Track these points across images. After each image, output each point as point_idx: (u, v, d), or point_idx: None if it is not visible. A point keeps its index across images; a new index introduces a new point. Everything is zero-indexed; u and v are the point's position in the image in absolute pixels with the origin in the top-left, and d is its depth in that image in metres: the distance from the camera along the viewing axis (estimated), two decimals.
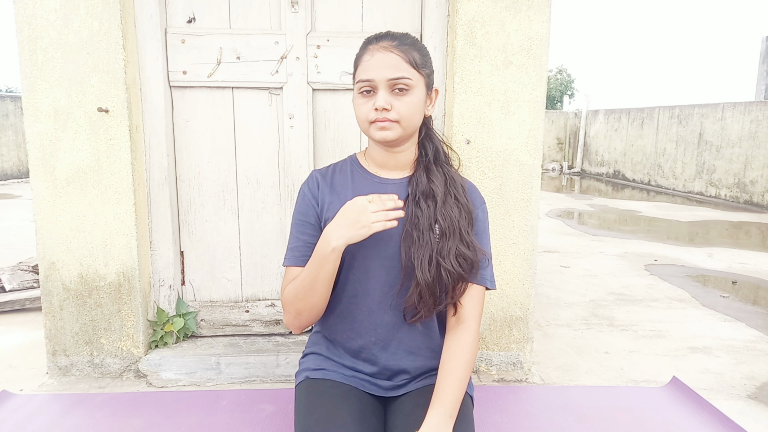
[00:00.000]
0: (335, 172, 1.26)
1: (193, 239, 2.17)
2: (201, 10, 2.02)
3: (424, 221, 1.14)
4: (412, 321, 1.19)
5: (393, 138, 1.14)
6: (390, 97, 1.12)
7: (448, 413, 1.09)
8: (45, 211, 1.95)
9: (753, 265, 4.36)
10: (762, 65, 10.01)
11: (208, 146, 2.11)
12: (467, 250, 1.15)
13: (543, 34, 1.97)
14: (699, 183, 9.10)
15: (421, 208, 1.16)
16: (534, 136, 2.02)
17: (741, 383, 2.22)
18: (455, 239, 1.15)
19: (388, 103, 1.12)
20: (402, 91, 1.12)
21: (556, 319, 2.94)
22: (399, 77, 1.11)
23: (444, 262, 1.13)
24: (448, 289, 1.15)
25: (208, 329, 2.21)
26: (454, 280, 1.14)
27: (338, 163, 1.30)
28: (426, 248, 1.13)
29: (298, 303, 1.17)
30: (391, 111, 1.12)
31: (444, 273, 1.13)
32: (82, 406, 1.76)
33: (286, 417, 1.68)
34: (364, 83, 1.13)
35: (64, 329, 2.03)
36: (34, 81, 1.88)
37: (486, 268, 1.21)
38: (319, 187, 1.23)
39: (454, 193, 1.19)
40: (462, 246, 1.15)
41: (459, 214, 1.16)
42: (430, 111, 1.22)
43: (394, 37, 1.15)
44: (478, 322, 1.20)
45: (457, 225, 1.15)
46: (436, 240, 1.14)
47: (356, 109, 1.17)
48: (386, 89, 1.12)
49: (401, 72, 1.11)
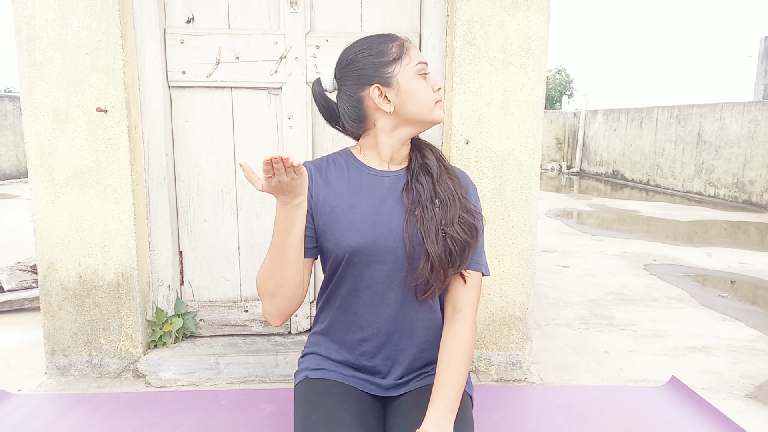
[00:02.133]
0: (330, 164, 1.24)
1: (191, 239, 2.17)
2: (200, 9, 2.02)
3: (425, 196, 1.17)
4: (424, 298, 1.19)
5: (443, 117, 1.25)
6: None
7: (448, 408, 1.09)
8: (44, 211, 1.95)
9: (752, 264, 4.37)
10: (760, 65, 10.03)
11: (207, 146, 2.11)
12: (468, 215, 1.18)
13: (542, 34, 1.97)
14: (698, 183, 9.11)
15: (421, 184, 1.19)
16: (533, 136, 2.02)
17: (740, 382, 2.22)
18: (456, 207, 1.18)
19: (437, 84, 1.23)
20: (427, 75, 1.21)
21: (555, 318, 2.94)
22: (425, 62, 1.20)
23: (449, 230, 1.15)
24: (456, 258, 1.16)
25: (207, 329, 2.21)
26: (460, 247, 1.15)
27: (332, 155, 1.28)
28: (432, 221, 1.15)
29: (269, 282, 1.15)
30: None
31: (450, 242, 1.14)
32: (81, 406, 1.76)
33: (285, 417, 1.68)
34: (424, 64, 1.20)
35: (62, 329, 2.03)
36: (32, 81, 1.88)
37: (480, 254, 1.22)
38: (313, 179, 1.21)
39: (445, 167, 1.24)
40: (463, 212, 1.18)
41: (454, 184, 1.21)
42: None
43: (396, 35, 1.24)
44: (475, 309, 1.19)
45: (455, 193, 1.19)
46: (438, 211, 1.16)
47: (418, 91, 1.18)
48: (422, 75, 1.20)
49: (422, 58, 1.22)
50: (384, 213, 1.17)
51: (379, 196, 1.19)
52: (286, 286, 1.15)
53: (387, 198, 1.19)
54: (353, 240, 1.15)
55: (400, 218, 1.17)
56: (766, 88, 9.88)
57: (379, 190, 1.20)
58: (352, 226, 1.16)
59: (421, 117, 1.18)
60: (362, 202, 1.18)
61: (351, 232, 1.16)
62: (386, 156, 1.22)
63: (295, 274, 1.15)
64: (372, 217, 1.17)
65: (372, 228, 1.16)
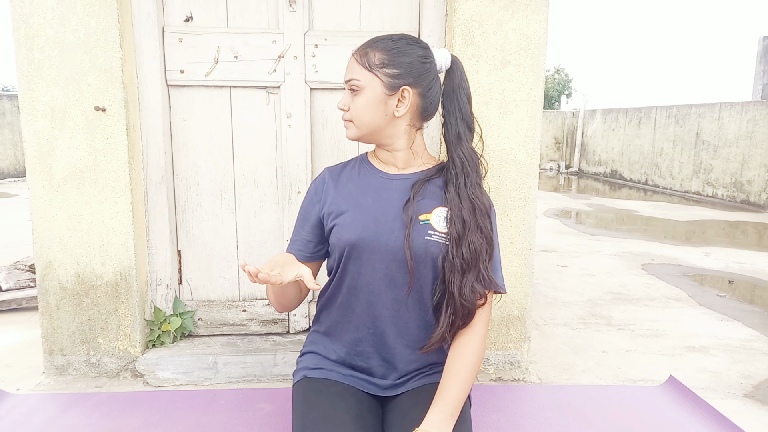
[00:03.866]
0: (345, 168, 1.31)
1: (190, 238, 2.17)
2: (198, 8, 2.02)
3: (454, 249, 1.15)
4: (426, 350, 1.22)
5: (351, 136, 1.23)
6: (349, 98, 1.21)
7: (449, 412, 1.09)
8: (42, 210, 1.94)
9: (750, 264, 4.38)
10: (759, 65, 10.03)
11: (205, 145, 2.11)
12: (480, 286, 1.17)
13: (541, 34, 1.97)
14: (696, 182, 9.12)
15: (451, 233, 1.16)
16: (531, 135, 2.02)
17: (738, 382, 2.22)
18: (475, 272, 1.16)
19: (346, 104, 1.22)
20: (354, 92, 1.19)
21: (553, 318, 2.94)
22: (349, 79, 1.20)
23: (458, 295, 1.14)
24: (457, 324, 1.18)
25: (206, 328, 2.21)
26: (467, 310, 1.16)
27: (350, 160, 1.34)
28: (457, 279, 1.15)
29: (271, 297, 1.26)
30: (347, 111, 1.21)
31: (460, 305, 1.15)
32: (79, 406, 1.75)
33: (283, 416, 1.68)
34: (348, 82, 1.22)
35: (60, 328, 2.02)
36: (30, 79, 1.88)
37: (497, 272, 1.22)
38: (324, 184, 1.28)
39: (480, 224, 1.18)
40: (477, 283, 1.16)
41: (481, 246, 1.17)
42: (400, 112, 1.19)
43: (369, 42, 1.21)
44: (487, 325, 1.21)
45: (477, 258, 1.16)
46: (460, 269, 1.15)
47: None
48: (348, 91, 1.21)
49: (352, 74, 1.20)
50: (388, 212, 1.19)
51: (385, 197, 1.21)
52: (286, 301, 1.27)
53: (392, 199, 1.21)
54: (354, 234, 1.17)
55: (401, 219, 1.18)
56: (764, 88, 9.88)
57: (386, 191, 1.22)
58: (355, 221, 1.19)
59: None
60: (369, 202, 1.21)
61: (354, 227, 1.18)
62: (383, 160, 1.27)
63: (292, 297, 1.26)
64: (376, 215, 1.19)
65: (374, 225, 1.17)
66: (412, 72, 1.18)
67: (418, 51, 1.19)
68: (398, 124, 1.21)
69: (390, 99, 1.18)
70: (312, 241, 1.27)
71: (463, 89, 1.24)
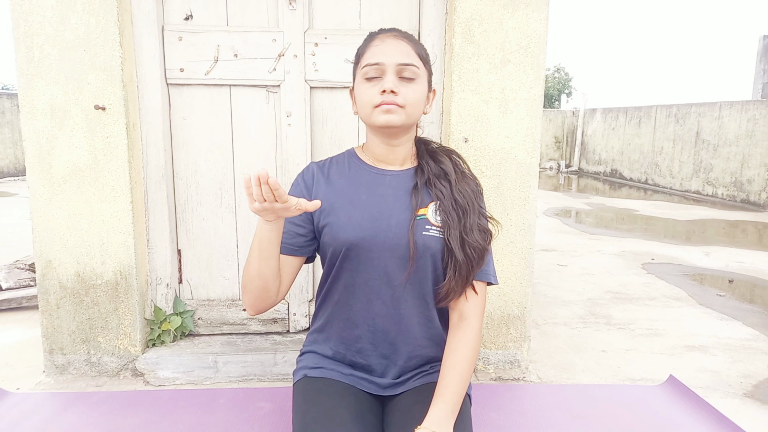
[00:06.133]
0: (332, 163, 1.28)
1: (190, 237, 2.17)
2: (198, 7, 2.02)
3: (447, 203, 1.17)
4: (444, 304, 1.20)
5: (398, 123, 1.14)
6: (398, 82, 1.14)
7: (449, 409, 1.09)
8: (42, 209, 1.94)
9: (749, 263, 4.38)
10: (759, 64, 10.03)
11: (205, 144, 2.11)
12: (485, 222, 1.20)
13: (541, 33, 1.97)
14: (696, 182, 9.12)
15: (440, 190, 1.18)
16: (531, 134, 2.02)
17: (737, 381, 2.22)
18: (474, 214, 1.18)
19: (396, 87, 1.13)
20: (409, 80, 1.15)
21: (553, 317, 2.94)
22: (409, 63, 1.14)
23: (469, 238, 1.15)
24: (475, 264, 1.17)
25: (206, 328, 2.21)
26: (479, 254, 1.17)
27: (336, 156, 1.31)
28: (456, 228, 1.16)
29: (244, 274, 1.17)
30: (399, 95, 1.13)
31: (470, 249, 1.15)
32: (79, 405, 1.75)
33: (283, 415, 1.68)
34: (372, 66, 1.14)
35: (60, 327, 2.02)
36: (30, 78, 1.87)
37: (488, 263, 1.22)
38: (314, 179, 1.24)
39: (461, 171, 1.24)
40: (480, 220, 1.19)
41: (472, 190, 1.21)
42: (428, 110, 1.24)
43: (401, 31, 1.20)
44: (481, 318, 1.21)
45: (473, 200, 1.20)
46: (459, 218, 1.16)
47: (360, 95, 1.17)
48: (394, 74, 1.14)
49: (411, 59, 1.15)
50: (384, 209, 1.18)
51: (379, 193, 1.20)
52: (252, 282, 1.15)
53: (387, 195, 1.20)
54: (352, 234, 1.16)
55: (401, 216, 1.17)
56: (764, 87, 9.88)
57: (380, 187, 1.21)
58: (351, 220, 1.17)
59: (365, 120, 1.19)
60: (362, 198, 1.19)
61: (350, 226, 1.17)
62: (377, 156, 1.25)
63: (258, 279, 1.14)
64: (371, 212, 1.18)
65: (371, 223, 1.17)
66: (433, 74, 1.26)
67: None
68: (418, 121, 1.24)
69: (427, 95, 1.22)
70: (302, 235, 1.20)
71: None
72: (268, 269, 1.13)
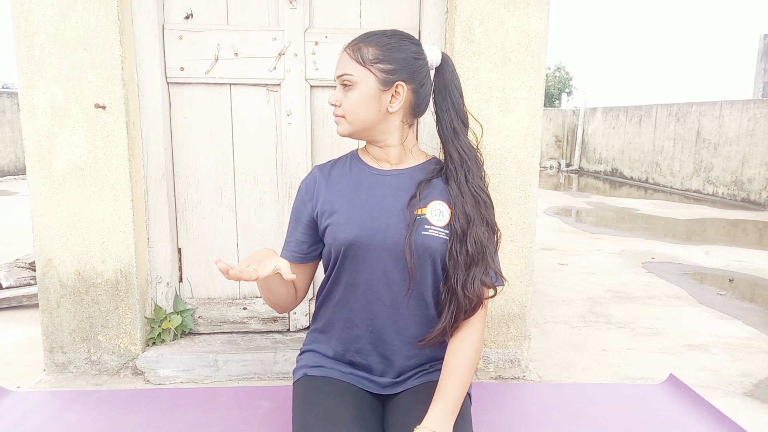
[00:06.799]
0: (335, 165, 1.30)
1: (190, 236, 2.17)
2: (198, 6, 2.02)
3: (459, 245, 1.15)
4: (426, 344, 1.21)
5: (343, 132, 1.21)
6: (341, 93, 1.19)
7: (450, 409, 1.09)
8: (42, 208, 1.94)
9: (750, 262, 4.38)
10: (760, 63, 10.02)
11: (205, 143, 2.11)
12: (489, 279, 1.18)
13: (541, 32, 1.96)
14: (696, 181, 9.11)
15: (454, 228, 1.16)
16: (532, 133, 2.02)
17: (737, 380, 2.22)
18: (482, 266, 1.16)
19: (338, 99, 1.19)
20: (346, 87, 1.18)
21: (553, 316, 2.94)
22: (342, 74, 1.18)
23: (467, 290, 1.15)
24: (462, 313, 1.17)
25: (206, 326, 2.21)
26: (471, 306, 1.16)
27: (339, 157, 1.33)
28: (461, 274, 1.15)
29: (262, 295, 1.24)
30: (339, 107, 1.19)
31: (464, 300, 1.15)
32: (80, 403, 1.75)
33: (283, 414, 1.68)
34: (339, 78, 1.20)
35: (61, 326, 2.02)
36: (30, 77, 1.87)
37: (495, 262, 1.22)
38: (316, 183, 1.26)
39: (485, 217, 1.20)
40: (485, 276, 1.17)
41: (488, 239, 1.18)
42: (394, 107, 1.18)
43: (361, 37, 1.19)
44: (484, 321, 1.21)
45: (484, 251, 1.17)
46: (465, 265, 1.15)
47: None
48: (340, 86, 1.19)
49: (345, 69, 1.17)
50: (383, 209, 1.18)
51: (379, 193, 1.21)
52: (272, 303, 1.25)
53: (387, 195, 1.20)
54: (350, 232, 1.17)
55: (400, 216, 1.17)
56: (765, 86, 9.87)
57: (380, 187, 1.22)
58: (350, 219, 1.18)
59: None
60: (362, 198, 1.20)
61: (349, 225, 1.17)
62: (375, 156, 1.26)
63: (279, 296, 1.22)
64: (370, 212, 1.18)
65: (370, 222, 1.17)
66: (406, 68, 1.17)
67: (412, 47, 1.19)
68: (391, 120, 1.20)
69: (384, 94, 1.17)
70: (306, 242, 1.26)
71: (455, 85, 1.25)
72: (278, 295, 1.21)
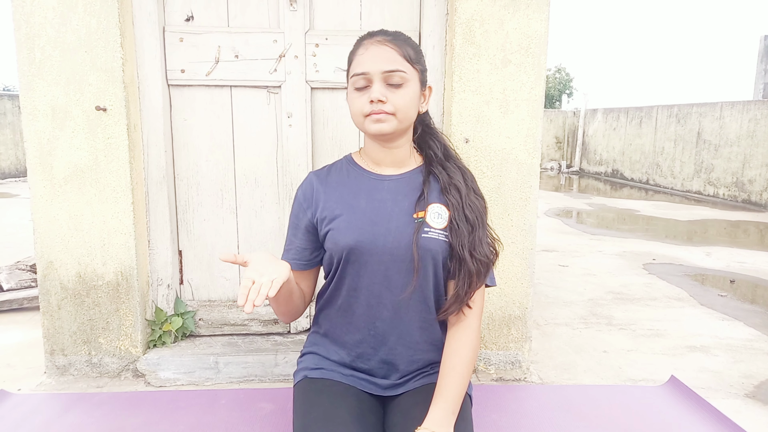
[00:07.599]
0: (331, 171, 1.28)
1: (191, 238, 2.17)
2: (199, 8, 2.02)
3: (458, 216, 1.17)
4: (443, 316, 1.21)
5: (389, 131, 1.15)
6: (385, 89, 1.13)
7: (450, 410, 1.09)
8: (43, 210, 1.94)
9: (751, 263, 4.37)
10: (760, 64, 10.02)
11: (206, 145, 2.11)
12: (491, 239, 1.21)
13: (542, 33, 1.97)
14: (697, 182, 9.11)
15: (450, 201, 1.18)
16: (532, 134, 2.02)
17: (739, 382, 2.22)
18: (483, 229, 1.19)
19: (384, 95, 1.13)
20: (397, 85, 1.14)
21: (554, 318, 2.94)
22: (394, 69, 1.13)
23: (477, 253, 1.16)
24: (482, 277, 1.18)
25: (207, 328, 2.21)
26: (486, 267, 1.18)
27: (334, 163, 1.31)
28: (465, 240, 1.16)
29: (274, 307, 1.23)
30: (387, 103, 1.13)
31: (476, 263, 1.15)
32: (80, 406, 1.75)
33: (284, 416, 1.68)
34: (359, 76, 1.14)
35: (62, 328, 2.02)
36: (31, 79, 1.88)
37: None
38: (313, 190, 1.25)
39: (472, 186, 1.24)
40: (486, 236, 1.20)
41: (481, 205, 1.22)
42: (424, 108, 1.24)
43: (388, 33, 1.18)
44: (480, 319, 1.21)
45: (481, 216, 1.20)
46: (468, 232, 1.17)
47: (351, 105, 1.19)
48: (381, 82, 1.13)
49: (396, 65, 1.13)
50: (383, 213, 1.18)
51: (378, 198, 1.21)
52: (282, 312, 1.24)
53: (386, 200, 1.20)
54: (351, 238, 1.16)
55: (400, 220, 1.17)
56: (765, 87, 9.87)
57: (379, 192, 1.22)
58: (351, 225, 1.18)
59: (359, 128, 1.20)
60: (362, 204, 1.20)
61: (349, 231, 1.17)
62: (375, 159, 1.25)
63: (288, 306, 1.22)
64: (371, 217, 1.18)
65: (371, 227, 1.17)
66: (427, 70, 1.23)
67: None
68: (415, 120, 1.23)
69: (421, 95, 1.21)
70: (308, 248, 1.26)
71: None
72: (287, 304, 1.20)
